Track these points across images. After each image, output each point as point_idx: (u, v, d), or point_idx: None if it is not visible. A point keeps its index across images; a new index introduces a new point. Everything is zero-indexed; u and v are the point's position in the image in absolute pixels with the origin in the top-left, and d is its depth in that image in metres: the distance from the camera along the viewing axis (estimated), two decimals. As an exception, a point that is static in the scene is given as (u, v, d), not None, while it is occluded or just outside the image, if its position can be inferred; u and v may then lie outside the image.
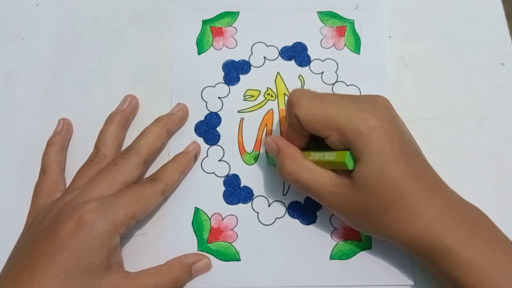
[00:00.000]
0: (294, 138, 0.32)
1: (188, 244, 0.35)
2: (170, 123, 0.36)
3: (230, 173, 0.37)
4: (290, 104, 0.31)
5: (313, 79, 0.39)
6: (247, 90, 0.39)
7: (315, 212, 0.36)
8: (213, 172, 0.37)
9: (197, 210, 0.36)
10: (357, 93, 0.38)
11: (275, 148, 0.33)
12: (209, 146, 0.37)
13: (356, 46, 0.40)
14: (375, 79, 0.39)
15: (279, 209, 0.36)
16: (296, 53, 0.40)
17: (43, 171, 0.36)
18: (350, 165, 0.29)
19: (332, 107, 0.29)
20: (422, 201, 0.29)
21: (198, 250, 0.35)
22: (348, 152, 0.29)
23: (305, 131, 0.31)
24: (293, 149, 0.32)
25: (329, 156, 0.30)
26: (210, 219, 0.36)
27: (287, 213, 0.36)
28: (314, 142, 0.32)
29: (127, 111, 0.37)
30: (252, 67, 0.40)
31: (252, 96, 0.39)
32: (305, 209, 0.36)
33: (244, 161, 0.37)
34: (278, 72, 0.39)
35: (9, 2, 0.42)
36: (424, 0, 0.42)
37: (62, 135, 0.37)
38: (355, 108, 0.29)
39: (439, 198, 0.29)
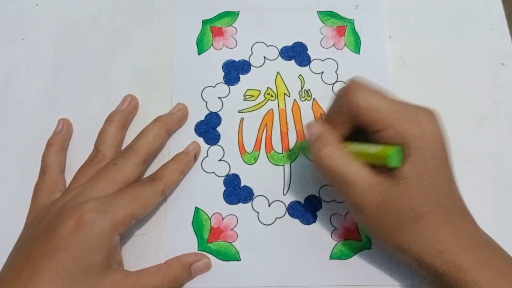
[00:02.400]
0: (339, 127, 0.31)
1: (188, 244, 0.35)
2: (170, 122, 0.36)
3: (230, 173, 0.37)
4: (350, 91, 0.29)
5: (313, 79, 0.39)
6: (247, 90, 0.39)
7: (315, 212, 0.36)
8: (213, 172, 0.37)
9: (197, 210, 0.36)
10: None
11: (318, 132, 0.31)
12: (209, 146, 0.37)
13: (356, 46, 0.40)
14: (375, 79, 0.38)
15: (279, 209, 0.36)
16: (296, 53, 0.40)
17: (43, 171, 0.36)
18: (395, 161, 0.27)
19: (393, 103, 0.29)
20: (451, 218, 0.28)
21: (198, 250, 0.35)
22: (397, 147, 0.28)
23: (352, 122, 0.30)
24: (335, 135, 0.31)
25: (372, 148, 0.29)
26: (210, 219, 0.36)
27: (287, 213, 0.36)
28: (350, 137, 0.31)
29: (126, 111, 0.37)
30: (252, 67, 0.40)
31: (252, 96, 0.39)
32: (305, 209, 0.36)
33: (244, 161, 0.37)
34: (278, 72, 0.39)
35: (9, 2, 0.42)
36: (424, 0, 0.42)
37: (62, 135, 0.37)
38: (416, 109, 0.29)
39: (465, 220, 0.29)
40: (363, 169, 0.29)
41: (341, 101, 0.30)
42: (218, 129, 0.38)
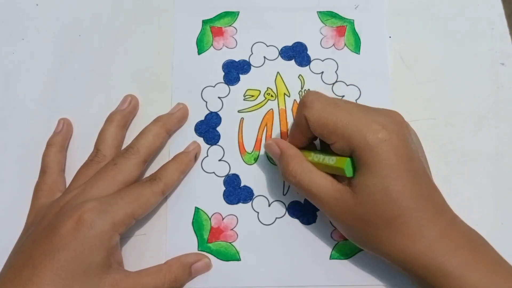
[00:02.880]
0: (298, 138, 0.32)
1: (188, 244, 0.35)
2: (170, 122, 0.36)
3: (230, 173, 0.37)
4: (302, 106, 0.30)
5: (313, 79, 0.39)
6: (247, 90, 0.39)
7: (315, 212, 0.36)
8: (213, 172, 0.37)
9: (197, 210, 0.36)
10: (357, 93, 0.38)
11: (277, 151, 0.33)
12: (209, 146, 0.37)
13: (356, 46, 0.40)
14: (375, 79, 0.39)
15: (279, 209, 0.36)
16: (296, 53, 0.40)
17: (43, 171, 0.36)
18: (349, 172, 0.29)
19: (344, 115, 0.29)
20: (424, 221, 0.28)
21: (198, 250, 0.35)
22: (348, 159, 0.29)
23: (311, 134, 0.31)
24: (296, 150, 0.32)
25: (328, 160, 0.30)
26: (210, 219, 0.36)
27: (287, 213, 0.36)
28: (313, 143, 0.32)
29: (126, 111, 0.37)
30: (252, 67, 0.40)
31: (252, 96, 0.39)
32: (305, 209, 0.36)
33: (244, 161, 0.37)
34: (278, 72, 0.39)
35: (9, 2, 0.42)
36: (424, 0, 0.42)
37: (62, 135, 0.37)
38: (367, 118, 0.28)
39: (441, 220, 0.29)
40: (326, 180, 0.30)
41: (298, 116, 0.31)
42: (218, 129, 0.38)
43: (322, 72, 0.39)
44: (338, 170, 0.29)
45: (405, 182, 0.28)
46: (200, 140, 0.37)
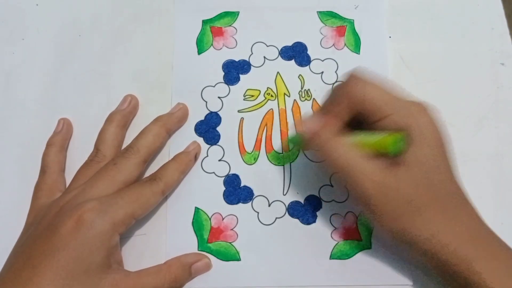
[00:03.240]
0: (335, 120, 0.31)
1: (188, 244, 0.35)
2: (170, 122, 0.36)
3: (230, 173, 0.37)
4: (352, 82, 0.30)
5: (313, 79, 0.39)
6: (247, 90, 0.39)
7: (315, 212, 0.36)
8: (213, 172, 0.37)
9: (197, 210, 0.36)
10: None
11: (317, 126, 0.31)
12: (209, 146, 0.37)
13: (356, 46, 0.40)
14: (375, 79, 0.39)
15: (279, 209, 0.36)
16: (296, 53, 0.40)
17: (43, 171, 0.36)
18: (398, 148, 0.28)
19: (392, 94, 0.29)
20: (454, 214, 0.28)
21: (198, 250, 0.35)
22: (400, 135, 0.28)
23: (350, 113, 0.30)
24: (334, 127, 0.30)
25: (375, 137, 0.29)
26: (210, 219, 0.35)
27: (287, 213, 0.36)
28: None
29: (126, 110, 0.37)
30: (252, 67, 0.40)
31: (252, 96, 0.39)
32: (305, 209, 0.36)
33: (244, 161, 0.37)
34: (278, 72, 0.39)
35: (9, 2, 0.42)
36: (424, 0, 0.42)
37: (62, 135, 0.37)
38: (417, 102, 0.29)
39: (469, 217, 0.29)
40: (364, 159, 0.29)
41: (340, 92, 0.30)
42: (218, 129, 0.38)
43: (322, 72, 0.39)
44: (384, 147, 0.28)
45: (446, 168, 0.29)
46: (200, 140, 0.37)
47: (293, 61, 0.40)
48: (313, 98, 0.39)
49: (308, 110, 0.38)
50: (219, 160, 0.37)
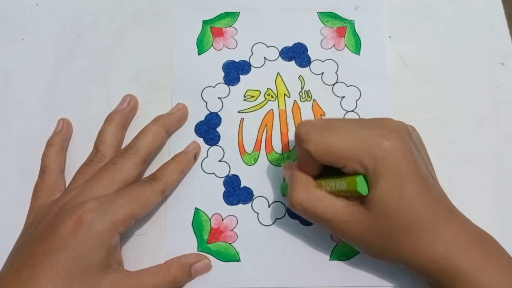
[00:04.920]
0: (307, 169, 0.31)
1: (188, 244, 0.35)
2: (169, 122, 0.36)
3: (230, 173, 0.37)
4: (299, 139, 0.30)
5: (313, 80, 0.39)
6: (247, 90, 0.39)
7: (315, 212, 0.36)
8: (213, 173, 0.37)
9: (197, 210, 0.36)
10: (357, 94, 0.38)
11: (288, 174, 0.32)
12: (209, 146, 0.37)
13: (356, 47, 0.40)
14: (375, 80, 0.39)
15: (279, 209, 0.36)
16: (296, 54, 0.40)
17: (42, 171, 0.36)
18: (363, 190, 0.28)
19: (343, 136, 0.28)
20: (439, 223, 0.28)
21: (198, 251, 0.35)
22: (359, 177, 0.28)
23: (318, 163, 0.30)
24: (304, 177, 0.31)
25: (340, 185, 0.29)
26: (210, 220, 0.35)
27: (287, 214, 0.36)
28: (327, 168, 0.31)
29: (126, 110, 0.37)
30: (252, 67, 0.40)
31: (252, 96, 0.39)
32: (305, 210, 0.36)
33: (244, 162, 0.37)
34: (278, 73, 0.39)
35: (9, 2, 0.42)
36: (424, 0, 0.42)
37: (61, 135, 0.37)
38: (367, 133, 0.28)
39: (454, 222, 0.29)
40: (337, 205, 0.29)
41: (298, 149, 0.31)
42: (218, 129, 0.38)
43: (322, 73, 0.39)
44: (352, 192, 0.28)
45: (417, 187, 0.28)
46: (200, 141, 0.37)
47: (293, 61, 0.40)
48: (314, 99, 0.39)
49: (309, 112, 0.38)
50: (219, 161, 0.37)
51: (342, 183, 0.29)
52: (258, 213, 0.36)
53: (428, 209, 0.28)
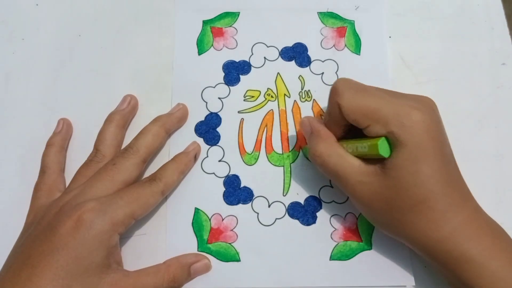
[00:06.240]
0: (332, 127, 0.32)
1: (188, 244, 0.35)
2: (169, 122, 0.36)
3: (230, 173, 0.37)
4: (333, 93, 0.31)
5: (313, 80, 0.39)
6: (247, 90, 0.39)
7: (315, 212, 0.36)
8: (213, 173, 0.37)
9: (197, 210, 0.36)
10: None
11: (309, 129, 0.33)
12: (209, 146, 0.37)
13: (357, 47, 0.40)
14: (376, 80, 0.39)
15: (279, 209, 0.36)
16: (297, 54, 0.40)
17: (42, 171, 0.36)
18: (385, 152, 0.28)
19: (375, 99, 0.29)
20: (450, 206, 0.28)
21: (198, 251, 0.35)
22: (382, 139, 0.28)
23: (344, 121, 0.30)
24: (327, 133, 0.32)
25: (362, 147, 0.30)
26: (210, 220, 0.35)
27: (287, 214, 0.36)
28: (350, 132, 0.32)
29: (126, 111, 0.37)
30: (252, 67, 0.40)
31: (252, 96, 0.39)
32: (305, 210, 0.36)
33: (244, 162, 0.37)
34: (278, 73, 0.39)
35: (9, 2, 0.42)
36: (424, 0, 0.42)
37: (62, 135, 0.37)
38: (399, 102, 0.29)
39: (466, 207, 0.29)
40: (355, 163, 0.30)
41: (330, 104, 0.31)
42: (218, 129, 0.38)
43: (323, 73, 0.39)
44: (373, 154, 0.29)
45: (436, 166, 0.28)
46: (200, 141, 0.37)
47: (293, 61, 0.40)
48: (314, 99, 0.39)
49: (309, 112, 0.38)
50: (219, 161, 0.37)
51: (364, 144, 0.30)
52: (258, 213, 0.36)
53: (442, 190, 0.28)
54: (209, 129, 0.38)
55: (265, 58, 0.40)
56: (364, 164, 0.30)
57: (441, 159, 0.28)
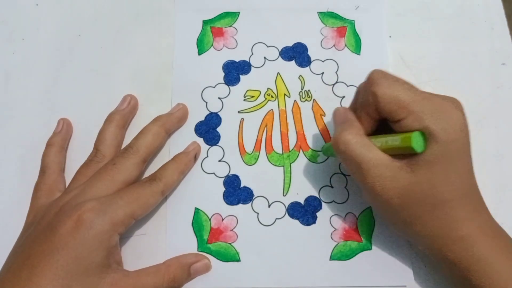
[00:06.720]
0: (363, 120, 0.31)
1: (188, 244, 0.35)
2: (169, 122, 0.36)
3: (230, 173, 0.37)
4: (370, 82, 0.30)
5: (313, 80, 0.39)
6: (247, 90, 0.39)
7: (315, 212, 0.36)
8: (213, 173, 0.37)
9: (197, 210, 0.36)
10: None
11: (342, 119, 0.32)
12: (209, 146, 0.37)
13: (357, 47, 0.40)
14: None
15: (279, 209, 0.36)
16: (297, 54, 0.40)
17: (42, 171, 0.36)
18: (419, 147, 0.27)
19: (411, 93, 0.29)
20: (472, 207, 0.29)
21: (198, 251, 0.35)
22: (416, 133, 0.27)
23: (377, 114, 0.30)
24: (358, 124, 0.31)
25: (392, 141, 0.29)
26: (210, 220, 0.35)
27: (287, 214, 0.36)
28: (378, 131, 0.31)
29: (126, 111, 0.37)
30: (252, 67, 0.40)
31: (252, 96, 0.39)
32: (305, 210, 0.36)
33: (244, 162, 0.37)
34: (278, 73, 0.39)
35: (9, 2, 0.42)
36: (424, 0, 0.42)
37: (62, 135, 0.37)
38: (436, 98, 0.29)
39: (484, 211, 0.30)
40: (381, 156, 0.29)
41: (362, 94, 0.31)
42: (218, 129, 0.38)
43: (323, 73, 0.39)
44: (405, 149, 0.28)
45: (467, 166, 0.28)
46: (200, 141, 0.37)
47: (293, 61, 0.40)
48: (314, 99, 0.39)
49: (309, 112, 0.38)
50: (219, 161, 0.37)
51: (395, 138, 0.29)
52: (258, 213, 0.36)
53: (468, 190, 0.28)
54: (209, 129, 0.38)
55: (265, 58, 0.40)
56: (391, 159, 0.29)
57: (470, 161, 0.29)
